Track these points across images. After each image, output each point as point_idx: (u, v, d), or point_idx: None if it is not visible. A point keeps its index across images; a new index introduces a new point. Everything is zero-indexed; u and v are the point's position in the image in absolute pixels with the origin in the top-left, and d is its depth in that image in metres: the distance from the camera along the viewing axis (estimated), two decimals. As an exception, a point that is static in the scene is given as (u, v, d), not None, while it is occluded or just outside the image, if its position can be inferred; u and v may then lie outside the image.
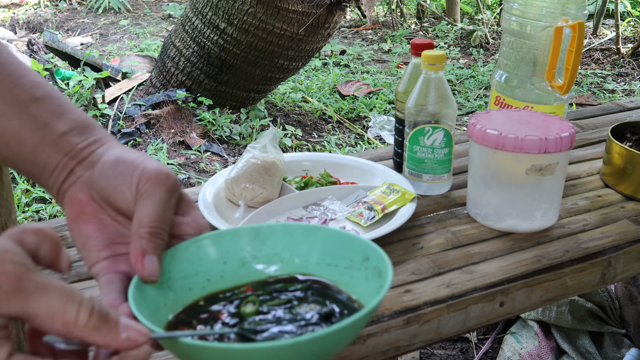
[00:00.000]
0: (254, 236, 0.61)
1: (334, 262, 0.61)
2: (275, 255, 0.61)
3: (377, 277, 0.58)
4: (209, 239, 0.59)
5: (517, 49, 1.19)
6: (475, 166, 1.03)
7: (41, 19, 5.74)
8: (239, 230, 0.60)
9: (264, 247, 0.61)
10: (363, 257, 0.60)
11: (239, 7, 2.87)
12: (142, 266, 0.54)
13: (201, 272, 0.59)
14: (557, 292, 0.94)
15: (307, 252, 0.61)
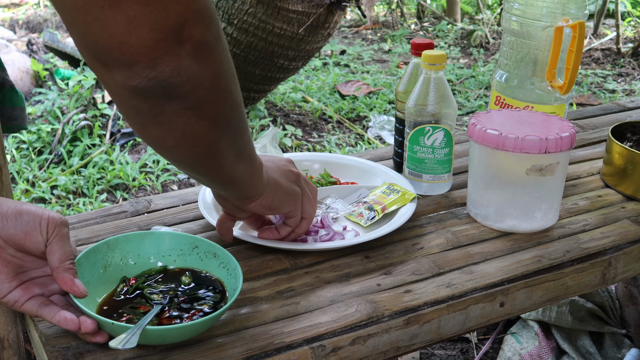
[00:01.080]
0: (106, 248, 0.83)
1: (168, 254, 0.86)
2: (123, 257, 0.84)
3: (213, 256, 0.84)
4: (83, 258, 0.80)
5: (517, 49, 1.18)
6: (475, 166, 1.03)
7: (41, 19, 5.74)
8: (96, 246, 0.82)
9: (114, 254, 0.84)
10: (192, 245, 0.85)
11: (239, 7, 2.87)
12: (77, 289, 0.73)
13: (87, 283, 0.78)
14: (558, 292, 0.94)
15: (145, 250, 0.85)
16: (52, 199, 2.50)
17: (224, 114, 0.68)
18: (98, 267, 0.82)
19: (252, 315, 0.81)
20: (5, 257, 0.73)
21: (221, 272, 0.83)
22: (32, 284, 0.75)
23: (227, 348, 0.75)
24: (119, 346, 0.68)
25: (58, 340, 0.76)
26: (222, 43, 0.64)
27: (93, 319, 0.72)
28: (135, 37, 0.55)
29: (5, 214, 0.73)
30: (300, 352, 0.76)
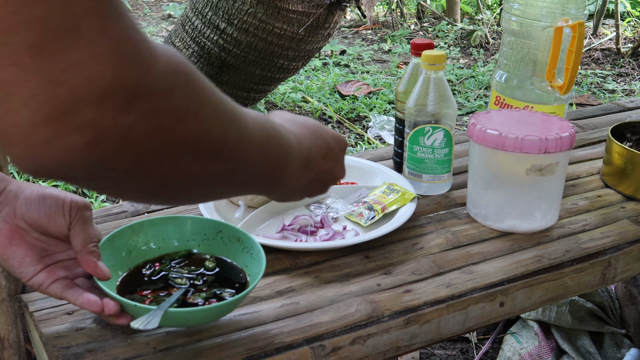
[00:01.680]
0: (131, 232, 0.84)
1: (192, 238, 0.86)
2: (147, 242, 0.85)
3: (237, 241, 0.84)
4: (107, 242, 0.81)
5: (517, 49, 1.19)
6: (475, 166, 1.03)
7: (41, 19, 5.74)
8: (121, 230, 0.83)
9: (139, 239, 0.84)
10: (216, 230, 0.85)
11: (239, 7, 2.87)
12: (101, 271, 0.73)
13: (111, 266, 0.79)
14: (557, 292, 0.94)
15: (169, 235, 0.86)
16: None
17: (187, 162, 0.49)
18: (122, 250, 0.83)
19: (252, 315, 0.81)
20: (29, 241, 0.74)
21: (245, 257, 0.83)
22: (57, 267, 0.75)
23: (227, 348, 0.75)
24: (140, 327, 0.68)
25: (58, 340, 0.76)
26: (164, 124, 0.44)
27: (116, 301, 0.72)
28: (5, 109, 0.38)
29: (29, 198, 0.73)
30: (300, 352, 0.76)
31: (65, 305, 0.83)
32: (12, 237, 0.73)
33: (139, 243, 0.84)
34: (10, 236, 0.73)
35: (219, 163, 0.51)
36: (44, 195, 0.74)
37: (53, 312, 0.81)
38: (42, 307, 0.82)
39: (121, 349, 0.75)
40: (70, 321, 0.80)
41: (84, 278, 0.77)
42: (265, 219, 1.04)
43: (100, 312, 0.72)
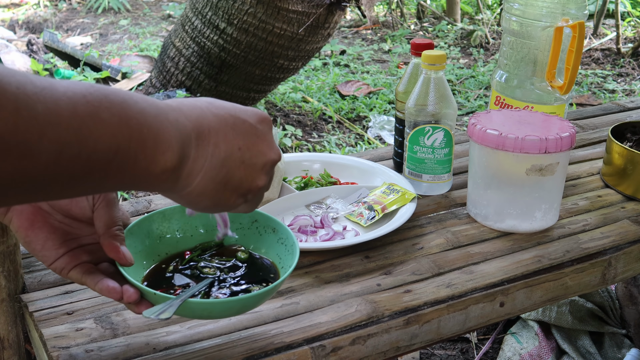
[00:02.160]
0: (161, 217, 0.80)
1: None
2: (180, 229, 0.81)
3: (273, 232, 0.80)
4: (137, 226, 0.77)
5: (517, 49, 1.18)
6: (475, 166, 1.03)
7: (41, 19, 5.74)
8: (151, 215, 0.79)
9: (170, 225, 0.80)
10: (251, 219, 0.81)
11: (239, 7, 2.87)
12: (123, 256, 0.69)
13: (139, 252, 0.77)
14: (558, 292, 0.94)
15: (201, 222, 0.81)
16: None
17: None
18: (152, 237, 0.79)
19: (252, 315, 0.81)
20: (53, 223, 0.70)
21: (279, 248, 0.79)
22: (80, 251, 0.71)
23: (227, 348, 0.75)
24: (152, 316, 0.65)
25: (58, 340, 0.76)
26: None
27: (136, 289, 0.68)
28: None
29: None
30: (300, 352, 0.76)
31: (65, 305, 0.83)
32: (34, 220, 0.69)
33: (169, 230, 0.80)
34: (32, 218, 0.69)
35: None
36: None
37: (53, 312, 0.81)
38: (42, 307, 0.82)
39: (121, 349, 0.75)
40: (70, 321, 0.79)
41: (109, 263, 0.72)
42: (265, 219, 1.04)
43: (119, 300, 0.68)
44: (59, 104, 0.44)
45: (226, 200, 0.60)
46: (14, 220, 0.69)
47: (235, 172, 0.59)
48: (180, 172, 0.55)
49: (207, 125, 0.56)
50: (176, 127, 0.53)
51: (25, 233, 0.69)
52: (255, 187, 0.61)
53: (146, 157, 0.51)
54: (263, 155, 0.61)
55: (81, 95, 0.46)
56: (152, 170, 0.52)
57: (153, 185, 0.54)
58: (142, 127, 0.50)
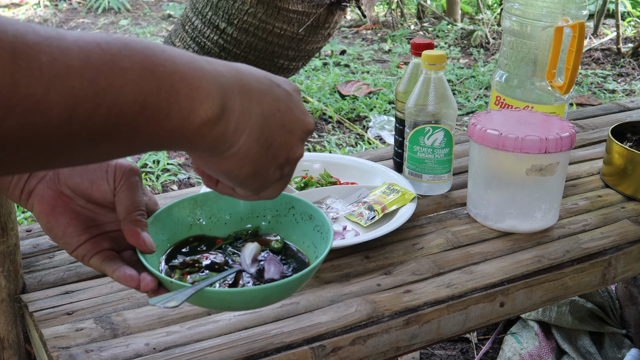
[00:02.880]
0: (193, 204, 0.76)
1: (262, 214, 0.78)
2: (213, 216, 0.77)
3: (309, 219, 0.75)
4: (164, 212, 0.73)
5: (517, 49, 1.18)
6: (475, 166, 1.03)
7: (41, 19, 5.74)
8: (182, 201, 0.75)
9: (203, 212, 0.77)
10: (288, 206, 0.76)
11: (239, 7, 2.87)
12: (144, 242, 0.65)
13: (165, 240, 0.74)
14: (558, 292, 0.94)
15: (237, 209, 0.77)
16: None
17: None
18: (182, 224, 0.75)
19: (252, 315, 0.81)
20: (75, 209, 0.67)
21: (314, 236, 0.74)
22: (102, 238, 0.67)
23: (227, 348, 0.75)
24: (158, 304, 0.61)
25: (58, 340, 0.76)
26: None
27: (154, 277, 0.65)
28: None
29: None
30: (300, 352, 0.76)
31: (65, 305, 0.83)
32: (55, 205, 0.66)
33: (202, 217, 0.76)
34: (53, 203, 0.65)
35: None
36: None
37: (53, 312, 0.81)
38: (42, 307, 0.82)
39: (121, 349, 0.75)
40: (70, 321, 0.79)
41: (132, 252, 0.69)
42: (265, 219, 1.04)
43: (137, 288, 0.65)
44: (68, 54, 0.40)
45: (266, 170, 0.54)
46: (36, 206, 0.66)
47: (276, 135, 0.53)
48: (224, 127, 0.48)
49: (248, 81, 0.52)
50: (214, 75, 0.48)
51: (46, 219, 0.66)
52: (292, 156, 0.56)
53: (181, 109, 0.45)
54: (301, 122, 0.56)
55: (95, 44, 0.41)
56: (191, 122, 0.46)
57: (192, 143, 0.48)
58: (173, 75, 0.44)
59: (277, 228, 0.77)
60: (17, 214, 2.30)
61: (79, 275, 0.90)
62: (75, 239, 0.66)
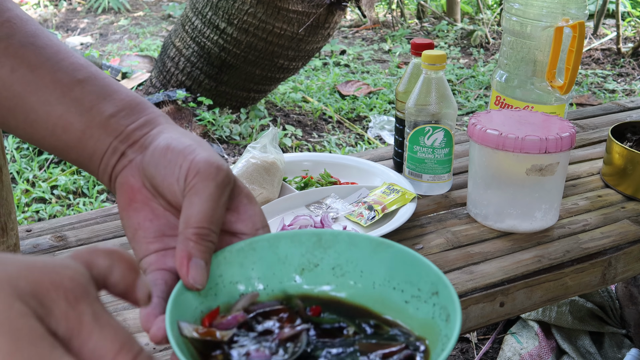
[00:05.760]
0: (315, 242, 0.53)
1: (400, 287, 0.51)
2: (337, 266, 0.53)
3: (445, 321, 0.47)
4: (266, 242, 0.52)
5: (517, 49, 1.18)
6: (475, 166, 1.03)
7: (41, 19, 5.74)
8: (300, 234, 0.54)
9: (325, 256, 0.53)
10: (432, 290, 0.50)
11: (239, 7, 2.87)
12: (187, 272, 0.48)
13: (253, 278, 0.52)
14: (558, 292, 0.94)
15: (371, 268, 0.53)
16: (52, 198, 2.49)
17: None
18: (289, 265, 0.53)
19: (252, 315, 0.81)
20: (154, 209, 0.53)
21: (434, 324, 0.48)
22: (172, 253, 0.52)
23: (227, 348, 0.75)
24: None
25: (58, 340, 0.76)
26: None
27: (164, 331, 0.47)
28: None
29: (156, 148, 0.53)
30: (300, 352, 0.76)
31: (65, 306, 0.82)
32: (132, 198, 0.54)
33: (322, 262, 0.53)
34: (131, 196, 0.54)
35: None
36: (169, 146, 0.52)
37: (53, 312, 0.81)
38: (42, 307, 0.82)
39: (121, 349, 0.74)
40: (70, 321, 0.79)
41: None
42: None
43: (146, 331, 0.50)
44: None
45: None
46: (117, 194, 0.55)
47: None
48: None
49: None
50: None
51: (121, 213, 0.54)
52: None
53: None
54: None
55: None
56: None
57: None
58: None
59: (376, 301, 0.52)
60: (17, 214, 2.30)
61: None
62: (143, 246, 0.53)
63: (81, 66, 0.57)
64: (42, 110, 0.55)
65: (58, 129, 0.55)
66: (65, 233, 1.00)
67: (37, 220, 2.35)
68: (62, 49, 0.58)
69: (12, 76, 0.55)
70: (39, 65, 0.56)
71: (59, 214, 2.38)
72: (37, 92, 0.55)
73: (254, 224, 0.53)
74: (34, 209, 2.38)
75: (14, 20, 0.57)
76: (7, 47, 0.56)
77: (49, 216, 2.36)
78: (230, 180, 0.51)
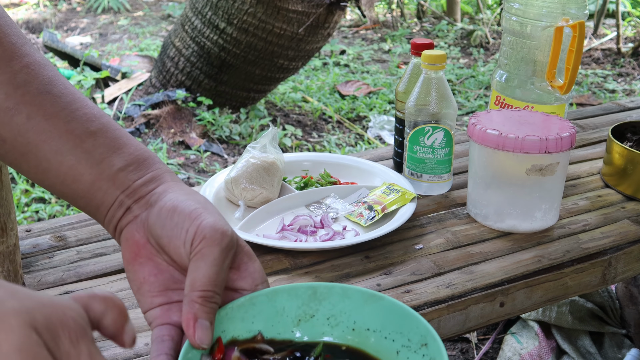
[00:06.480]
0: (310, 295, 0.58)
1: (392, 337, 0.55)
2: (332, 317, 0.58)
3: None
4: (265, 296, 0.56)
5: (517, 48, 1.18)
6: (475, 166, 1.03)
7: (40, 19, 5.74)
8: (296, 288, 0.58)
9: (320, 307, 0.58)
10: (421, 341, 0.53)
11: (238, 7, 2.87)
12: (194, 332, 0.52)
13: (254, 331, 0.57)
14: (558, 292, 0.94)
15: (364, 318, 0.57)
16: (52, 198, 2.49)
17: None
18: (285, 318, 0.58)
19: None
20: (158, 264, 0.57)
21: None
22: (177, 308, 0.56)
23: (227, 348, 0.75)
24: None
25: (58, 340, 0.76)
26: None
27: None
28: None
29: (162, 208, 0.56)
30: (300, 352, 0.76)
31: (65, 306, 0.82)
32: (137, 253, 0.57)
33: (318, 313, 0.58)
34: (136, 251, 0.57)
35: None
36: (175, 209, 0.56)
37: (52, 313, 0.81)
38: (42, 307, 0.82)
39: (121, 349, 0.74)
40: (70, 321, 0.79)
41: None
42: (265, 219, 1.04)
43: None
44: None
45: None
46: (123, 247, 0.59)
47: None
48: None
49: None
50: None
51: (126, 267, 0.58)
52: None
53: None
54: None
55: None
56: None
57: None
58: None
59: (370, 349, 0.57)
60: (17, 214, 2.30)
61: (78, 275, 0.90)
62: (148, 299, 0.57)
63: (94, 117, 0.60)
64: (54, 160, 0.58)
65: (68, 178, 0.59)
66: (64, 233, 1.00)
67: (37, 220, 2.35)
68: (77, 98, 0.61)
69: (27, 124, 0.58)
70: (54, 114, 0.58)
71: (58, 214, 2.38)
72: (51, 141, 0.58)
73: (254, 280, 0.57)
74: (33, 209, 2.38)
75: (32, 67, 0.59)
76: (24, 94, 0.58)
77: (48, 216, 2.36)
78: (234, 244, 0.55)
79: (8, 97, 0.58)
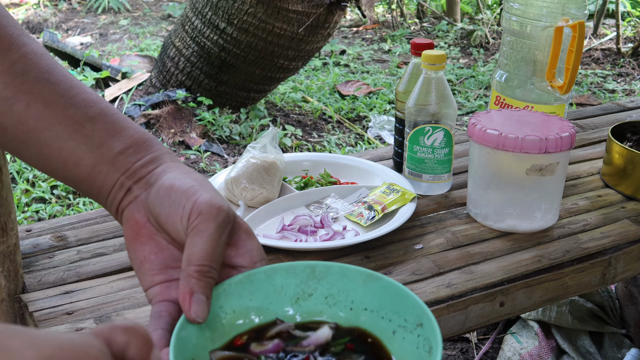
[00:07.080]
0: (309, 273, 0.58)
1: (388, 317, 0.56)
2: (330, 296, 0.58)
3: (427, 353, 0.52)
4: (263, 274, 0.57)
5: (517, 48, 1.18)
6: (475, 166, 1.03)
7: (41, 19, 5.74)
8: (294, 266, 0.58)
9: (319, 286, 0.58)
10: (417, 321, 0.54)
11: (238, 7, 2.87)
12: (189, 307, 0.52)
13: (251, 308, 0.57)
14: (557, 292, 0.94)
15: (362, 297, 0.57)
16: (52, 198, 2.50)
17: None
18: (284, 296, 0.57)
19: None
20: (158, 243, 0.58)
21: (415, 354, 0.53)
22: (177, 285, 0.56)
23: (227, 348, 0.75)
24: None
25: (58, 340, 0.76)
26: None
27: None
28: None
29: (160, 187, 0.58)
30: (300, 352, 0.76)
31: (65, 305, 0.83)
32: (138, 233, 0.58)
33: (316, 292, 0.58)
34: (137, 231, 0.58)
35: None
36: (172, 186, 0.56)
37: (53, 312, 0.81)
38: (42, 307, 0.82)
39: None
40: (70, 321, 0.79)
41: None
42: (265, 219, 1.04)
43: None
44: None
45: None
46: (124, 228, 0.60)
47: None
48: None
49: None
50: None
51: (127, 246, 0.59)
52: None
53: None
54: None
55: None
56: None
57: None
58: None
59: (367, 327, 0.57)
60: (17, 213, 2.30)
61: (78, 275, 0.90)
62: (149, 277, 0.57)
63: (93, 102, 0.61)
64: (54, 145, 0.59)
65: (69, 163, 0.59)
66: (65, 233, 1.00)
67: (37, 220, 2.35)
68: (75, 84, 0.62)
69: (27, 111, 0.59)
70: (53, 101, 0.59)
71: (58, 214, 2.38)
72: (51, 127, 0.59)
73: (252, 257, 0.58)
74: (33, 209, 2.38)
75: (29, 56, 0.60)
76: (22, 83, 0.59)
77: (48, 216, 2.36)
78: (230, 220, 0.56)
79: (7, 86, 0.59)
